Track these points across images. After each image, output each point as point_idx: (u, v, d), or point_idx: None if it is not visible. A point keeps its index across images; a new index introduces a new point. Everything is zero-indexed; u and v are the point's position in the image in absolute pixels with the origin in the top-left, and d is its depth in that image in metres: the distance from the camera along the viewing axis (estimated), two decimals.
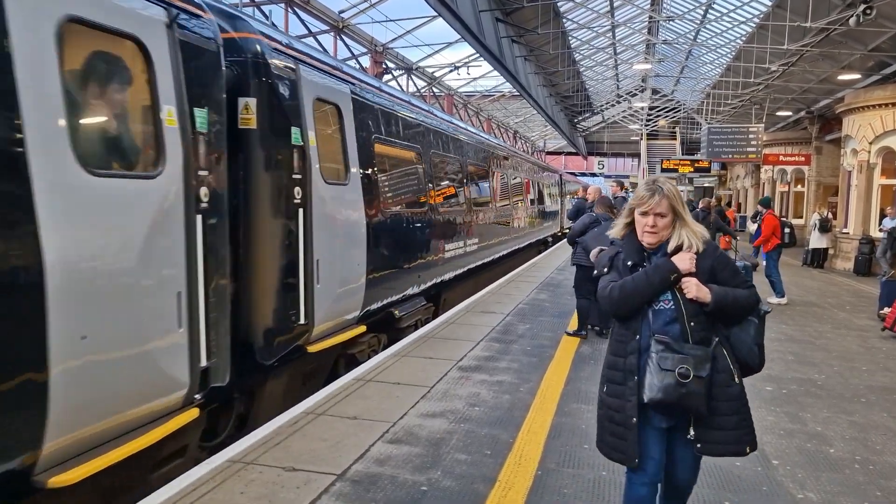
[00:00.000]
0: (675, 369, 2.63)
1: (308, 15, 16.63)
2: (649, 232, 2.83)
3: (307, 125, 5.58)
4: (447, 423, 4.78)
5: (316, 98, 5.86)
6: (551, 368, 6.39)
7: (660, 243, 2.85)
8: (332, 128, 6.37)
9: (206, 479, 3.74)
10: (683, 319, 2.73)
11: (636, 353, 2.77)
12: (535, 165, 22.88)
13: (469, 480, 3.86)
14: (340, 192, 6.27)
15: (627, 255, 2.89)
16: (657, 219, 2.81)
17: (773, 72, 19.86)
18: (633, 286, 2.77)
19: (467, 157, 11.90)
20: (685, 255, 2.77)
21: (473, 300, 10.34)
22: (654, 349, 2.70)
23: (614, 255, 2.95)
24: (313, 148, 5.63)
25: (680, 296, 2.75)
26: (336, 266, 6.02)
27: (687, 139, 45.74)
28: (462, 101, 31.67)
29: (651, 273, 2.78)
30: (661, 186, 2.84)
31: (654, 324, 2.77)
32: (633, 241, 2.91)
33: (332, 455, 4.14)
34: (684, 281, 2.75)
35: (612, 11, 23.55)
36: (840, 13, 13.83)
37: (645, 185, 2.91)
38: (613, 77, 36.41)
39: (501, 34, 17.95)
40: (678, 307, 2.75)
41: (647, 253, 2.89)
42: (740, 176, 34.97)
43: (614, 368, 2.85)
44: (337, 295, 6.04)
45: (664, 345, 2.69)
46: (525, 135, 48.52)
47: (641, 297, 2.77)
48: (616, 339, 2.90)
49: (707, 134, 25.21)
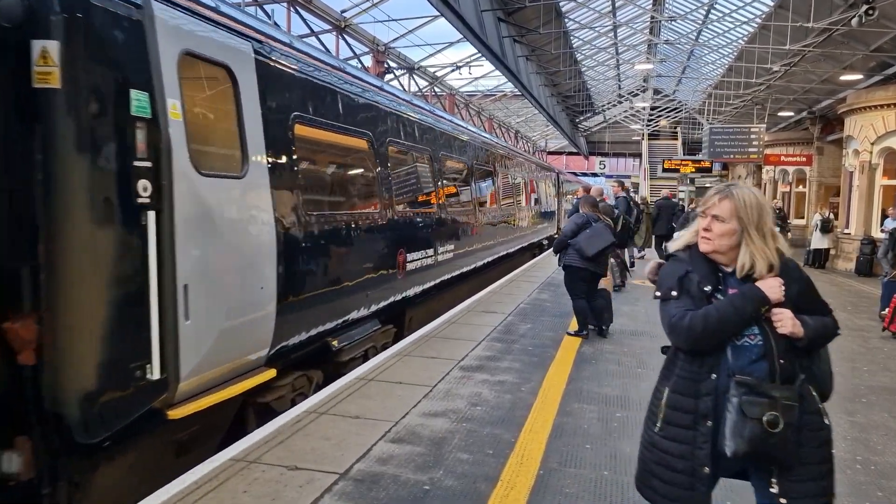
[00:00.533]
0: (763, 417, 2.21)
1: (310, 14, 16.64)
2: (703, 237, 2.44)
3: (165, 90, 3.92)
4: (449, 423, 4.79)
5: (184, 52, 4.16)
6: (553, 368, 6.40)
7: (715, 253, 2.44)
8: (220, 99, 4.71)
9: (209, 478, 3.75)
10: (773, 357, 2.30)
11: (712, 395, 2.34)
12: (528, 162, 21.07)
13: (471, 480, 3.87)
14: (231, 187, 4.54)
15: (701, 278, 2.43)
16: (713, 222, 2.40)
17: (775, 72, 19.84)
18: (719, 318, 2.32)
19: (442, 149, 10.10)
20: (773, 282, 2.34)
21: (475, 300, 10.35)
22: (734, 391, 2.27)
23: (683, 274, 2.47)
24: (176, 123, 3.99)
25: (769, 329, 2.32)
26: (222, 292, 4.34)
27: (688, 139, 45.74)
28: (464, 100, 31.67)
29: (739, 303, 2.32)
30: (733, 189, 2.44)
31: (736, 361, 2.33)
32: (702, 258, 2.47)
33: (335, 454, 4.15)
34: (776, 313, 2.32)
35: (614, 11, 23.55)
36: (842, 13, 13.82)
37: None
38: (615, 77, 36.39)
39: (503, 34, 17.95)
40: (767, 343, 2.31)
41: (721, 274, 2.45)
42: (742, 176, 34.95)
43: (679, 409, 2.40)
44: (223, 332, 4.34)
45: (748, 387, 2.26)
46: (526, 135, 48.50)
47: (728, 330, 2.33)
48: (683, 374, 2.45)
49: (709, 134, 25.18)
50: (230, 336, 4.46)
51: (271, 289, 4.89)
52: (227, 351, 4.47)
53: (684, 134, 46.46)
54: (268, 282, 4.86)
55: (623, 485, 3.87)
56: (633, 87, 41.03)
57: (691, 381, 2.41)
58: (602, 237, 7.60)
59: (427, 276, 8.83)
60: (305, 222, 5.50)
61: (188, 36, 4.25)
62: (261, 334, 4.86)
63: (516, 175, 17.23)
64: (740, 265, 2.38)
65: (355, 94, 6.88)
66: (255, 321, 4.75)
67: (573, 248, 7.60)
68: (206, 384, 4.34)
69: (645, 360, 6.87)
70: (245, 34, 4.97)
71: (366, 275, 6.73)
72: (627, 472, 4.06)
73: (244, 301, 4.62)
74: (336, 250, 6.15)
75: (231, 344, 4.51)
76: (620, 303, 10.53)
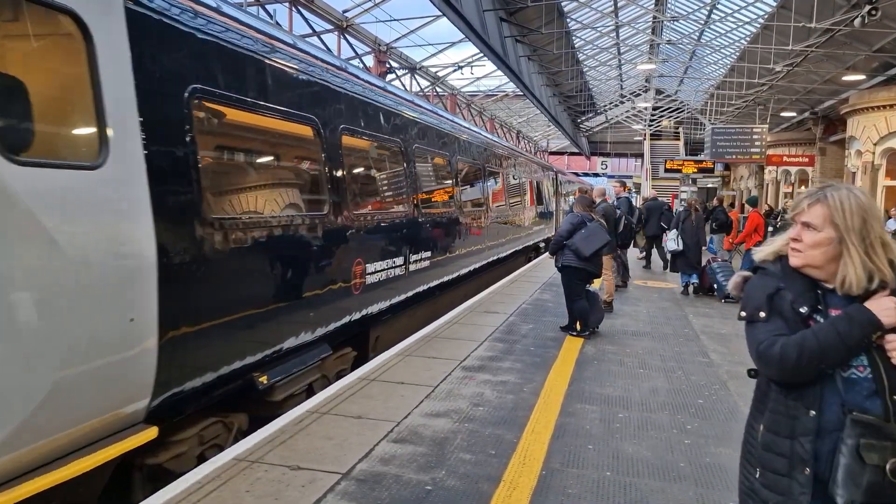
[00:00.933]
0: (887, 464, 1.83)
1: (312, 14, 16.64)
2: (792, 248, 2.05)
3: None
4: (451, 423, 4.78)
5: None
6: (555, 369, 6.39)
7: (808, 267, 2.04)
8: (60, 58, 3.56)
9: (212, 477, 3.76)
10: (886, 394, 1.89)
11: (811, 436, 1.94)
12: (524, 160, 19.09)
13: (473, 480, 3.86)
14: (76, 182, 3.27)
15: (796, 297, 2.02)
16: (804, 231, 2.02)
17: (778, 72, 19.85)
18: (818, 345, 1.91)
19: (416, 141, 8.62)
20: (887, 302, 1.91)
21: (477, 300, 10.35)
22: (851, 431, 1.87)
23: (773, 292, 2.05)
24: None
25: (881, 360, 1.91)
26: (55, 329, 3.11)
27: (691, 139, 45.73)
28: (465, 101, 31.68)
29: (843, 327, 1.90)
30: (828, 191, 2.03)
31: (849, 395, 1.92)
32: (796, 272, 2.06)
33: (337, 454, 4.15)
34: (889, 340, 1.90)
35: (616, 11, 23.55)
36: (845, 14, 13.82)
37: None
38: (617, 77, 36.41)
39: (505, 34, 17.96)
40: (877, 376, 1.91)
41: (820, 291, 2.03)
42: (744, 177, 34.96)
43: (774, 452, 2.02)
44: (61, 384, 3.13)
45: (868, 427, 1.86)
46: (528, 135, 48.51)
47: (830, 360, 1.92)
48: (777, 410, 2.04)
49: (711, 134, 25.20)
50: (74, 389, 3.22)
51: (148, 319, 3.63)
52: (71, 410, 3.25)
53: (686, 134, 46.46)
54: (142, 310, 3.59)
55: (625, 485, 3.87)
56: (636, 87, 41.04)
57: (787, 417, 2.00)
58: (598, 237, 7.67)
59: (395, 289, 7.51)
60: (210, 229, 4.23)
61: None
62: (133, 380, 3.62)
63: (509, 173, 15.67)
64: (840, 281, 1.98)
65: (295, 69, 5.52)
66: (120, 364, 3.50)
67: (569, 249, 7.66)
68: (35, 461, 3.12)
69: (647, 361, 6.87)
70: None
71: (307, 291, 5.48)
72: (630, 472, 4.06)
73: (99, 338, 3.36)
74: (260, 263, 4.87)
75: (77, 400, 3.27)
76: (622, 303, 10.53)
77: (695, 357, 7.13)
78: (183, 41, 4.15)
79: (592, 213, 8.17)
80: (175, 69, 4.07)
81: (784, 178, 27.75)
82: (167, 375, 3.83)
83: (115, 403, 3.55)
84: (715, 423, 5.05)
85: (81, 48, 3.37)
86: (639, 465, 4.17)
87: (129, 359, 3.57)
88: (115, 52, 3.54)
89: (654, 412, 5.23)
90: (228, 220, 4.47)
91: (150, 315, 3.66)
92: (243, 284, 4.67)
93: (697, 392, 5.84)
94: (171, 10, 4.01)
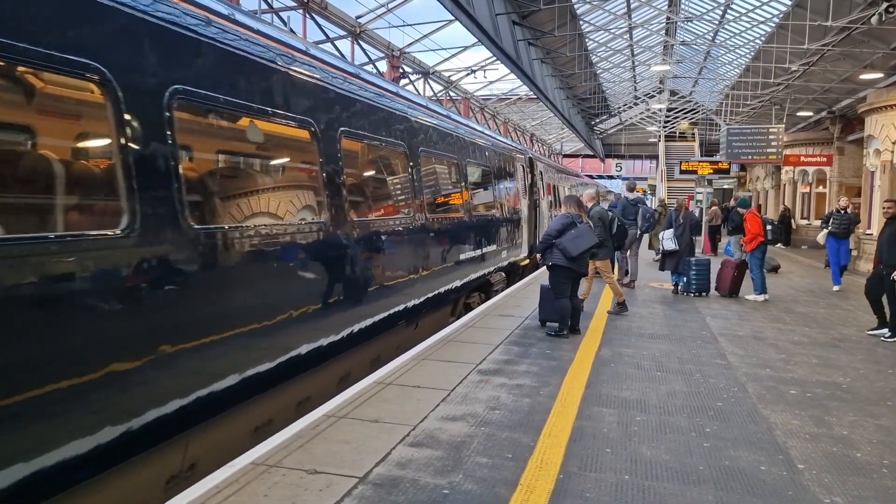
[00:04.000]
0: None
1: (325, 21, 16.74)
2: None
3: None
4: (468, 427, 4.77)
5: None
6: (571, 372, 6.36)
7: None
8: None
9: (230, 482, 3.77)
10: None
11: None
12: (470, 132, 11.83)
13: (490, 484, 3.85)
14: None
15: None
16: None
17: (794, 72, 19.66)
18: None
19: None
20: None
21: (492, 303, 10.33)
22: None
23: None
24: None
25: None
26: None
27: (706, 140, 45.44)
28: (479, 104, 31.68)
29: None
30: None
31: None
32: None
33: (354, 458, 4.15)
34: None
35: (630, 13, 23.47)
36: (862, 12, 13.66)
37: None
38: (631, 79, 36.26)
39: (518, 37, 17.96)
40: None
41: None
42: (760, 177, 34.63)
43: None
44: None
45: None
46: (542, 137, 48.42)
47: None
48: None
49: (726, 135, 24.99)
50: None
51: None
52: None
53: (702, 135, 46.16)
54: None
55: (644, 489, 3.84)
56: (650, 88, 40.84)
57: None
58: (586, 238, 7.80)
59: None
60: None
61: None
62: None
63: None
64: None
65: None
66: None
67: (557, 248, 7.76)
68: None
69: (664, 364, 6.82)
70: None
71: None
72: (648, 475, 4.03)
73: None
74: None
75: None
76: (638, 305, 10.48)
77: (713, 359, 7.06)
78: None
79: (584, 213, 8.33)
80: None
81: (801, 178, 27.46)
82: None
83: None
84: (734, 425, 5.00)
85: None
86: (657, 469, 4.14)
87: None
88: None
89: (673, 415, 5.19)
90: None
91: None
92: None
93: (716, 395, 5.78)
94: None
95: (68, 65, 3.32)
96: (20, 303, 3.06)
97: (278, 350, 5.06)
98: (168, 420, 3.90)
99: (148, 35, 3.90)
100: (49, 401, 3.16)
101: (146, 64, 3.87)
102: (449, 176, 10.14)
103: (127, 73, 3.68)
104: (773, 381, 6.30)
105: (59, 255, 3.24)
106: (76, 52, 3.35)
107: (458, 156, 10.42)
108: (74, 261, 3.33)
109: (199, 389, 4.18)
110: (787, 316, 10.03)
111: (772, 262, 16.15)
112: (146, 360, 3.74)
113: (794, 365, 6.93)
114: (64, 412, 3.24)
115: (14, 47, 3.04)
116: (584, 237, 7.76)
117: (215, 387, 4.32)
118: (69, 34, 3.34)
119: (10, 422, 2.99)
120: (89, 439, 3.36)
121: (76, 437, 3.30)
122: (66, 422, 3.26)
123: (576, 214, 8.03)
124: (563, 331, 7.91)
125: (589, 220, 8.51)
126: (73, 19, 3.40)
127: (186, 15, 4.27)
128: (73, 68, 3.36)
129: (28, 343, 3.08)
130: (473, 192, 11.22)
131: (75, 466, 3.28)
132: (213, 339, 4.33)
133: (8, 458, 2.99)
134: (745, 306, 10.87)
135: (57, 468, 3.19)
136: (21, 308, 3.06)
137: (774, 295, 12.18)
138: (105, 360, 3.47)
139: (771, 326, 9.20)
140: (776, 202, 30.47)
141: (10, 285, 3.00)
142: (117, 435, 3.53)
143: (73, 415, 3.30)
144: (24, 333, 3.08)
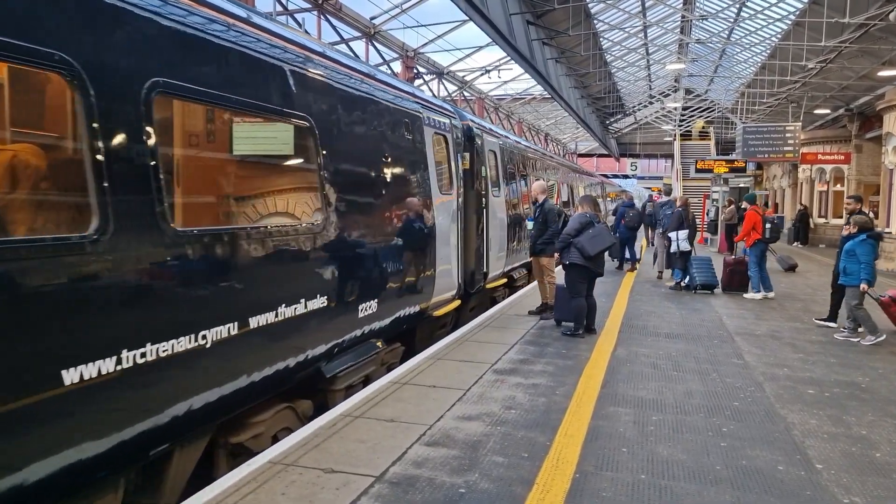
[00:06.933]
0: None
1: (340, 22, 16.80)
2: None
3: None
4: (483, 426, 4.79)
5: None
6: (586, 371, 6.36)
7: None
8: None
9: (247, 480, 3.81)
10: None
11: None
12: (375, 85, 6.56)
13: (507, 483, 3.86)
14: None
15: None
16: None
17: (811, 69, 19.47)
18: None
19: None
20: None
21: (508, 302, 10.32)
22: None
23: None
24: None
25: None
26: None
27: (721, 139, 45.08)
28: (493, 104, 31.66)
29: None
30: None
31: None
32: None
33: (371, 457, 4.18)
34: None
35: (644, 11, 23.34)
36: (879, 8, 13.51)
37: None
38: (646, 78, 36.04)
39: (532, 37, 17.91)
40: None
41: None
42: (777, 176, 34.33)
43: None
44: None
45: None
46: (557, 137, 48.29)
47: None
48: None
49: (742, 133, 24.79)
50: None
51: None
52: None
53: (717, 134, 45.80)
54: None
55: (660, 488, 3.83)
56: (665, 87, 40.58)
57: None
58: (604, 238, 7.89)
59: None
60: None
61: None
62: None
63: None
64: None
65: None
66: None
67: (574, 247, 7.82)
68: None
69: (680, 363, 6.79)
70: None
71: None
72: (665, 475, 4.02)
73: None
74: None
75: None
76: (653, 305, 10.43)
77: (729, 359, 7.02)
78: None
79: (598, 213, 8.47)
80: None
81: (819, 176, 27.18)
82: None
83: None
84: (751, 425, 4.98)
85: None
86: (674, 468, 4.13)
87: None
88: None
89: (689, 415, 5.17)
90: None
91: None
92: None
93: (733, 394, 5.75)
94: None
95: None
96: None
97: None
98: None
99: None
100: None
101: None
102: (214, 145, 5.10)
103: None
104: (790, 381, 6.26)
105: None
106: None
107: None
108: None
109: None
110: (805, 315, 9.94)
111: (790, 261, 16.01)
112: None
113: (811, 364, 6.88)
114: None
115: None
116: (602, 237, 7.86)
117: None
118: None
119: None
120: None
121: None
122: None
123: (592, 214, 8.08)
124: (578, 330, 7.91)
125: (546, 213, 8.80)
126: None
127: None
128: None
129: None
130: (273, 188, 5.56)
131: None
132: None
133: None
134: (762, 305, 10.79)
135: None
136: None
137: (792, 294, 12.09)
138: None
139: (788, 326, 9.13)
140: (793, 200, 30.19)
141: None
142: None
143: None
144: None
